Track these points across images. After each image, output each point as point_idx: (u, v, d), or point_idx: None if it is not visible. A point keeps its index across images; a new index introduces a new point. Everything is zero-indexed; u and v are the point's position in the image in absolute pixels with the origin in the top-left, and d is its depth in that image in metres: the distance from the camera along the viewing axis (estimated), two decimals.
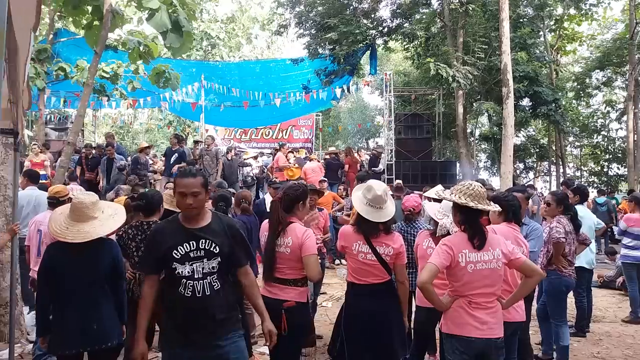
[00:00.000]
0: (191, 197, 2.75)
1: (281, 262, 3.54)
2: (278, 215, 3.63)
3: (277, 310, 3.45)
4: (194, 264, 2.78)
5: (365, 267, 3.60)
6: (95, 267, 3.42)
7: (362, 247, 3.62)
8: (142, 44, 8.08)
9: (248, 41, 27.88)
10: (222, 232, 2.88)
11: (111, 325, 3.47)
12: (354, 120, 32.45)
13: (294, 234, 3.53)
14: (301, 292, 3.59)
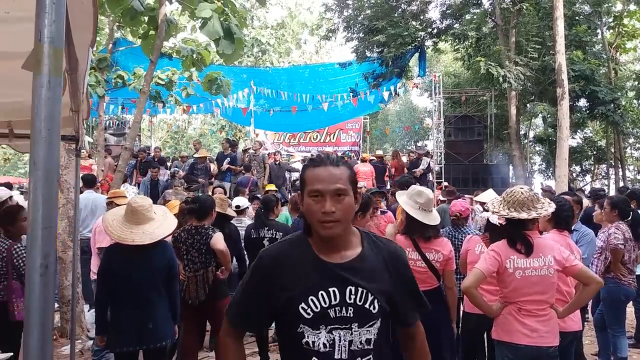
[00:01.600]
0: (333, 199, 1.57)
1: None
2: None
3: None
4: (336, 331, 1.61)
5: (415, 275, 3.60)
6: (151, 268, 3.56)
7: (412, 254, 3.60)
8: (195, 51, 8.33)
9: (297, 46, 28.18)
10: (381, 267, 1.69)
11: (165, 325, 3.61)
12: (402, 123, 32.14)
13: None
14: None
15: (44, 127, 0.91)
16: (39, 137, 0.91)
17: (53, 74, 0.94)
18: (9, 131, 4.21)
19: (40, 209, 0.90)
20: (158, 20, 6.64)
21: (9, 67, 3.57)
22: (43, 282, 0.89)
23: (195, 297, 4.25)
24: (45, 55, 0.93)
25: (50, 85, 0.93)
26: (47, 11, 0.92)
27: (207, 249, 4.26)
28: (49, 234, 0.91)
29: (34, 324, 0.88)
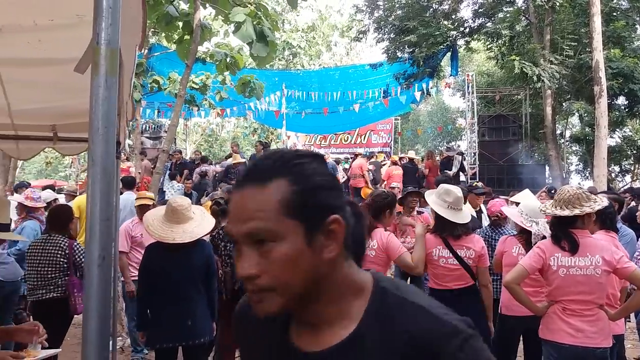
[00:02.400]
0: (251, 251, 0.86)
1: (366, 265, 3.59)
2: (367, 220, 3.71)
3: None
4: None
5: (447, 272, 3.58)
6: (190, 266, 3.65)
7: (443, 252, 3.59)
8: (228, 55, 8.47)
9: (328, 49, 28.27)
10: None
11: (204, 322, 3.69)
12: (434, 123, 31.81)
13: (378, 236, 3.60)
14: None
15: (101, 126, 0.96)
16: (97, 135, 0.96)
17: (109, 74, 0.98)
18: (53, 134, 4.37)
19: (98, 203, 0.95)
20: (193, 25, 6.78)
21: (54, 73, 3.71)
22: (101, 274, 0.94)
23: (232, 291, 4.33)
24: (102, 57, 0.98)
25: (107, 85, 0.98)
26: (104, 15, 0.97)
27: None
28: (106, 227, 0.96)
29: (92, 315, 0.92)
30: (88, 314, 0.92)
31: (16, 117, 4.13)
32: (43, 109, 4.10)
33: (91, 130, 0.97)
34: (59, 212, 4.35)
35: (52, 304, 4.02)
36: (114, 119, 0.99)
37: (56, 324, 4.02)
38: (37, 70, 3.67)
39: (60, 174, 28.02)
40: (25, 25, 3.20)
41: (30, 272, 4.15)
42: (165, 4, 6.66)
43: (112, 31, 0.98)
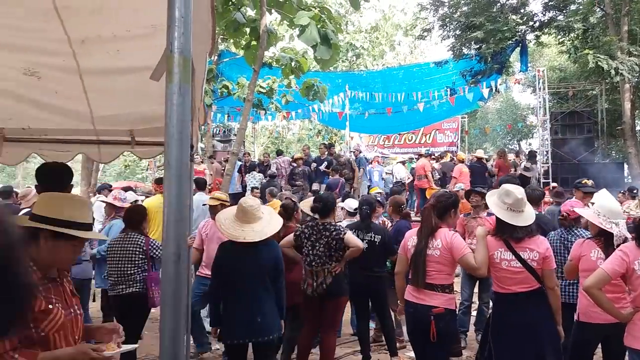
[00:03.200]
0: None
1: (431, 265, 3.56)
2: (432, 220, 3.66)
3: (425, 316, 3.47)
4: None
5: (510, 275, 3.45)
6: (260, 265, 3.75)
7: (505, 254, 3.48)
8: (293, 59, 8.60)
9: (391, 48, 28.05)
10: None
11: (273, 319, 3.77)
12: (503, 121, 30.74)
13: (442, 236, 3.57)
14: (449, 298, 3.59)
15: (176, 131, 1.02)
16: (172, 140, 1.02)
17: (183, 81, 1.04)
18: (131, 139, 4.62)
19: (173, 203, 1.01)
20: (259, 30, 6.94)
21: (132, 81, 3.93)
22: (176, 270, 0.99)
23: (322, 290, 4.38)
24: (175, 65, 1.03)
25: (181, 92, 1.03)
26: (176, 24, 1.02)
27: (338, 245, 4.40)
28: (181, 226, 1.01)
29: (168, 309, 0.98)
30: (165, 308, 0.98)
31: (98, 123, 4.40)
32: (122, 115, 4.35)
33: (167, 135, 1.03)
34: (134, 211, 4.60)
35: (131, 299, 4.26)
36: (188, 124, 1.04)
37: (135, 317, 4.29)
38: (116, 79, 3.90)
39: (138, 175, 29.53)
40: (105, 36, 3.40)
41: (111, 269, 4.42)
42: (233, 11, 6.87)
43: (185, 40, 1.03)
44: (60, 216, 1.91)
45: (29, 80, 3.84)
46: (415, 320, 3.62)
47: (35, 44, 3.52)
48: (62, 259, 1.98)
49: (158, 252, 4.38)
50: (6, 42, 3.50)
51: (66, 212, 1.92)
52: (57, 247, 1.92)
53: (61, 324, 1.91)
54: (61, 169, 3.19)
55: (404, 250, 3.83)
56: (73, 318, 2.00)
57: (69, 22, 3.25)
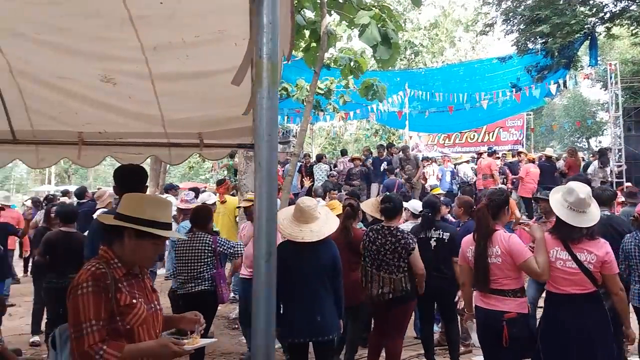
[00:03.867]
0: None
1: (495, 272, 3.47)
2: (488, 222, 3.56)
3: (497, 322, 3.39)
4: None
5: (565, 276, 3.33)
6: (318, 264, 3.78)
7: (561, 254, 3.36)
8: (352, 60, 8.59)
9: (451, 45, 27.46)
10: None
11: (332, 319, 3.79)
12: (571, 118, 29.41)
13: (499, 240, 3.47)
14: (521, 302, 3.49)
15: (265, 132, 1.05)
16: (262, 141, 1.05)
17: (271, 86, 1.07)
18: (199, 141, 4.77)
19: (264, 203, 1.04)
20: (319, 32, 6.98)
21: (200, 85, 4.05)
22: (268, 268, 1.02)
23: (389, 298, 4.32)
24: (264, 70, 1.06)
25: (269, 95, 1.07)
26: (265, 30, 1.05)
27: (407, 254, 4.32)
28: (271, 225, 1.04)
29: (260, 304, 1.01)
30: (258, 306, 1.01)
31: (168, 126, 4.58)
32: (191, 118, 4.50)
33: (256, 137, 1.07)
34: (201, 211, 4.74)
35: (201, 296, 4.40)
36: (277, 126, 1.07)
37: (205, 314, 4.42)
38: (185, 83, 4.03)
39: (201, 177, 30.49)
40: (175, 42, 3.54)
41: (180, 268, 4.58)
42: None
43: (272, 45, 1.06)
44: (143, 215, 2.01)
45: (105, 86, 4.05)
46: (486, 326, 3.55)
47: (111, 52, 3.71)
48: (144, 257, 2.09)
49: (227, 248, 4.51)
50: (86, 51, 3.71)
51: (149, 212, 2.02)
52: (140, 245, 2.02)
53: (144, 318, 2.01)
54: (138, 170, 3.35)
55: (465, 260, 3.74)
56: (154, 313, 2.10)
57: (142, 30, 3.40)
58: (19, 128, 4.45)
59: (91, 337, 1.85)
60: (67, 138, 4.54)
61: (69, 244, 5.32)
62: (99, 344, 1.85)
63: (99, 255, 2.05)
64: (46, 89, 3.90)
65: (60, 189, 23.67)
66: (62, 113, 4.28)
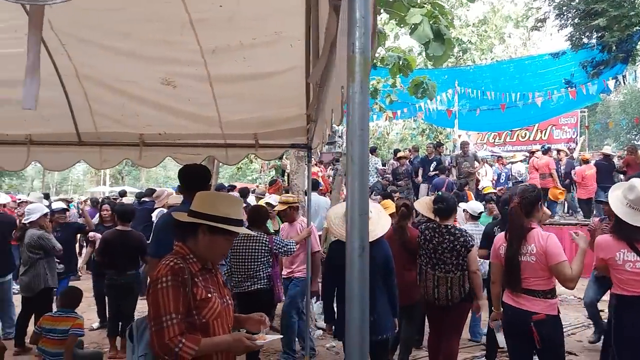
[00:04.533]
0: None
1: (527, 271, 3.36)
2: (522, 221, 3.46)
3: (523, 322, 3.31)
4: None
5: (637, 278, 3.18)
6: (371, 264, 3.75)
7: (628, 256, 3.21)
8: (401, 58, 8.51)
9: (501, 41, 26.82)
10: None
11: (386, 319, 3.77)
12: (628, 115, 28.18)
13: (536, 239, 3.35)
14: (551, 304, 3.37)
15: (357, 128, 1.05)
16: (354, 136, 1.05)
17: (364, 80, 1.07)
18: (255, 142, 4.86)
19: (357, 198, 1.04)
20: None
21: (256, 87, 4.12)
22: (361, 264, 1.03)
23: (445, 298, 4.24)
24: (357, 65, 1.06)
25: (362, 90, 1.06)
26: (357, 25, 1.05)
27: (466, 252, 4.24)
28: (364, 220, 1.04)
29: (354, 300, 1.01)
30: (351, 300, 1.01)
31: (225, 127, 4.68)
32: (247, 119, 4.59)
33: (349, 132, 1.07)
34: (257, 211, 4.80)
35: (257, 295, 4.47)
36: (368, 121, 1.07)
37: None
38: (242, 85, 4.11)
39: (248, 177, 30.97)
40: (233, 45, 3.61)
41: (235, 267, 4.64)
42: None
43: (365, 40, 1.06)
44: (216, 212, 2.06)
45: (166, 89, 4.17)
46: (513, 325, 3.45)
47: (172, 55, 3.81)
48: (217, 252, 2.14)
49: (281, 247, 4.56)
50: (147, 55, 3.83)
51: (221, 209, 2.07)
52: (214, 241, 2.07)
53: (219, 312, 2.06)
54: (202, 169, 3.43)
55: (497, 258, 3.64)
56: (226, 307, 2.14)
57: (201, 33, 3.49)
58: (84, 130, 4.65)
59: (171, 330, 1.90)
60: (129, 140, 4.71)
61: (126, 242, 5.53)
62: (178, 336, 1.91)
63: (175, 250, 2.11)
64: (109, 93, 4.06)
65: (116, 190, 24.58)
66: (125, 115, 4.45)
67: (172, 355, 1.90)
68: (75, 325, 4.16)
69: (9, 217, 6.32)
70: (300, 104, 4.36)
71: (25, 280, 5.32)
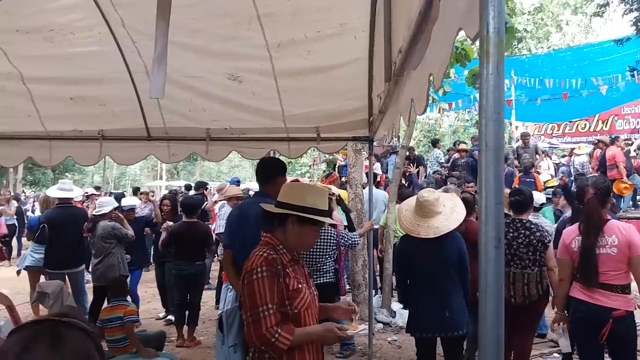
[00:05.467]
0: None
1: (606, 265, 3.20)
2: (600, 213, 3.29)
3: (602, 319, 3.17)
4: None
5: None
6: (443, 258, 3.67)
7: None
8: (458, 48, 8.31)
9: (558, 29, 25.78)
10: None
11: (461, 315, 3.68)
12: None
13: (617, 231, 3.20)
14: (629, 300, 3.22)
15: (493, 111, 1.00)
16: (489, 120, 1.00)
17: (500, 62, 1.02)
18: (317, 135, 4.85)
19: (492, 185, 0.99)
20: None
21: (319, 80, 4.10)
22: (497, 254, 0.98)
23: (521, 296, 4.08)
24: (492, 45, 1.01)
25: (498, 72, 1.01)
26: (491, 4, 1.00)
27: (543, 248, 4.08)
28: (499, 209, 0.99)
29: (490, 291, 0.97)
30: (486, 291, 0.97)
31: (288, 121, 4.70)
32: (309, 113, 4.59)
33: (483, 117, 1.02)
34: None
35: (322, 288, 4.45)
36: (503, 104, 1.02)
37: None
38: (306, 79, 4.11)
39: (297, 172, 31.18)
40: (298, 39, 3.61)
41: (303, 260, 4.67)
42: None
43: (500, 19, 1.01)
44: (304, 203, 2.05)
45: (232, 84, 4.22)
46: (587, 322, 3.28)
47: (239, 51, 3.85)
48: (305, 242, 2.14)
49: (347, 240, 4.54)
50: (215, 51, 3.88)
51: (309, 200, 2.06)
52: (302, 232, 2.07)
53: (309, 302, 2.06)
54: (279, 163, 3.45)
55: (568, 253, 3.45)
56: (314, 297, 2.14)
57: (268, 28, 3.50)
58: (153, 125, 4.78)
59: (268, 320, 1.91)
60: (196, 134, 4.82)
61: (193, 233, 5.68)
62: (275, 327, 1.91)
63: (264, 241, 2.12)
64: (177, 88, 4.14)
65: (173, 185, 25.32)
66: (192, 111, 4.54)
67: (269, 346, 1.91)
68: (127, 312, 4.33)
69: (81, 210, 6.59)
70: (362, 96, 4.32)
71: (100, 270, 5.55)
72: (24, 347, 0.89)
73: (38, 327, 0.94)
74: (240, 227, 3.16)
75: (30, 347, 0.89)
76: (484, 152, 1.00)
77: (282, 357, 1.97)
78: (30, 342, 0.90)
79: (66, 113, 4.57)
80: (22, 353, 0.88)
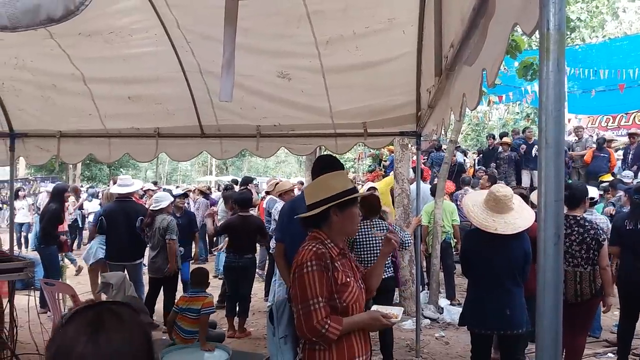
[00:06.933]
0: None
1: None
2: None
3: None
4: None
5: None
6: (509, 256, 3.59)
7: None
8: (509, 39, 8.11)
9: (614, 16, 24.63)
10: None
11: (522, 313, 3.62)
12: None
13: None
14: None
15: (554, 108, 1.00)
16: (549, 117, 1.01)
17: (560, 59, 1.02)
18: (364, 131, 4.88)
19: (552, 182, 1.00)
20: None
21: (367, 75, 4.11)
22: (556, 250, 0.98)
23: (573, 295, 4.03)
24: (552, 42, 1.02)
25: (559, 68, 1.01)
26: (552, 1, 1.00)
27: (598, 246, 4.00)
28: (559, 206, 1.00)
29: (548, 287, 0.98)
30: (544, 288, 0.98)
31: (336, 117, 4.74)
32: (356, 109, 4.61)
33: (543, 113, 1.03)
34: (372, 200, 4.78)
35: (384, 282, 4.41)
36: (564, 101, 1.02)
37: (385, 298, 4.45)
38: (353, 75, 4.13)
39: None
40: (346, 35, 3.63)
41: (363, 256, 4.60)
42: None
43: (561, 16, 1.01)
44: (335, 191, 2.11)
45: (282, 82, 4.30)
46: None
47: (288, 49, 3.91)
48: (352, 225, 2.20)
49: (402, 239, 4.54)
50: (266, 49, 3.95)
51: (337, 185, 2.14)
52: (346, 215, 2.13)
53: (357, 296, 2.10)
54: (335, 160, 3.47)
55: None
56: (361, 291, 2.18)
57: (317, 25, 3.54)
58: (206, 123, 4.93)
59: (319, 313, 1.97)
60: (247, 131, 4.93)
61: (247, 226, 5.85)
62: (325, 319, 1.97)
63: (312, 236, 2.17)
64: None
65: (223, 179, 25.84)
66: (243, 108, 4.65)
67: (320, 337, 1.96)
68: (205, 304, 4.44)
69: (141, 206, 6.86)
70: (409, 91, 4.31)
71: (157, 263, 5.77)
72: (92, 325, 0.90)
73: (97, 308, 0.96)
74: (290, 222, 3.23)
75: (100, 324, 0.91)
76: (543, 149, 1.01)
77: (331, 346, 2.04)
78: (96, 320, 0.92)
79: (124, 112, 4.77)
80: (93, 331, 0.89)
